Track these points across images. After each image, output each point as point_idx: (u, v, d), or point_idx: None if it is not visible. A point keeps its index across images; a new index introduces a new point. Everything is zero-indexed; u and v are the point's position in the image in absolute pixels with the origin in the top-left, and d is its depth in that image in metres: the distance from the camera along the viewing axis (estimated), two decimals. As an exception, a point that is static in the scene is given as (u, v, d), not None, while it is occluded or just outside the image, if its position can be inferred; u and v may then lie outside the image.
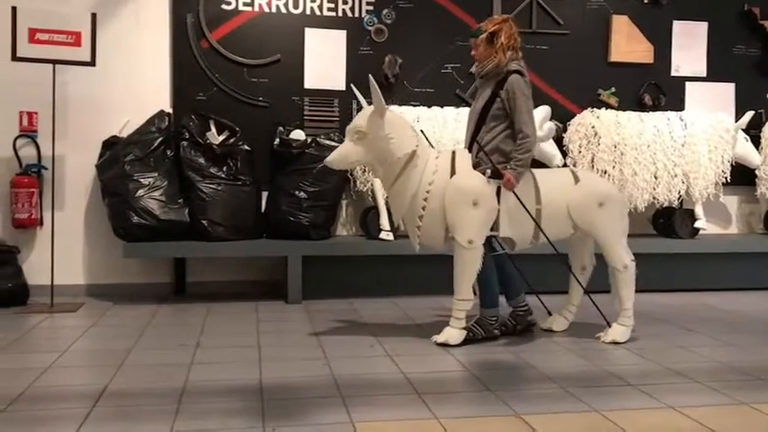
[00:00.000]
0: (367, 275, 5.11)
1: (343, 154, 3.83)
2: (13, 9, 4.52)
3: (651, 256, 5.57)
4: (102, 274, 5.23)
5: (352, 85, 4.05)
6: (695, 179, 5.68)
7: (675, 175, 5.65)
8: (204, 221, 4.96)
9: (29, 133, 5.07)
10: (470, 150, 3.96)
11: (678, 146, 5.66)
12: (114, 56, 5.15)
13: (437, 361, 3.60)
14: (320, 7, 5.50)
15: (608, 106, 5.90)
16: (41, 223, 5.05)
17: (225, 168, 5.13)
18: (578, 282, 4.21)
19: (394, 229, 4.00)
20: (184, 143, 5.13)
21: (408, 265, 4.93)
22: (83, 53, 4.66)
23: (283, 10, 5.44)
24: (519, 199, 3.82)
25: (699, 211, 5.77)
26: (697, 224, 5.77)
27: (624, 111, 5.79)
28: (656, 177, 5.61)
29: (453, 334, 3.85)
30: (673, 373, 3.39)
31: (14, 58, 4.55)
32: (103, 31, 4.94)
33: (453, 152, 3.94)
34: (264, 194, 5.29)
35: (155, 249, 4.92)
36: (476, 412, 2.84)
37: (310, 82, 5.50)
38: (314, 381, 3.23)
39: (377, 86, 3.72)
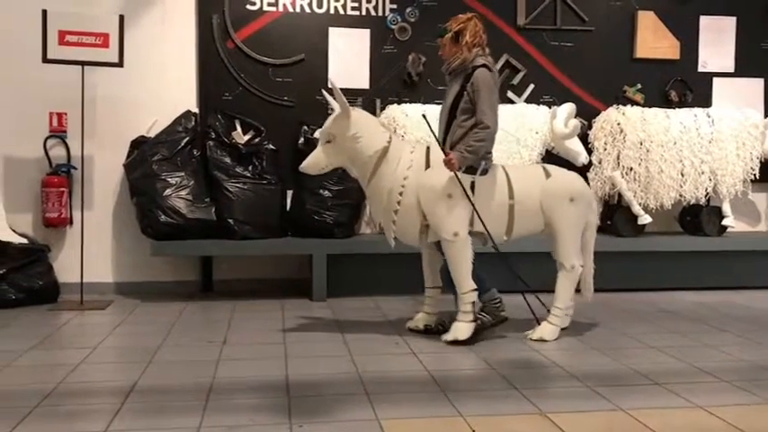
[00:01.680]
0: (391, 273, 5.12)
1: (316, 159, 3.89)
2: (44, 12, 4.59)
3: (678, 254, 5.54)
4: (130, 272, 5.30)
5: (323, 90, 4.08)
6: (723, 176, 5.61)
7: (702, 173, 5.58)
8: (230, 220, 5.02)
9: (58, 134, 5.16)
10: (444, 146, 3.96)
11: (705, 142, 5.60)
12: (141, 57, 5.21)
13: (462, 359, 3.61)
14: (344, 6, 5.52)
15: (634, 103, 5.85)
16: (71, 222, 5.14)
17: (250, 168, 5.18)
18: (521, 280, 4.13)
19: (372, 226, 4.05)
20: (211, 143, 5.19)
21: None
22: (111, 54, 4.72)
23: (307, 9, 5.47)
24: (463, 187, 3.74)
25: (726, 208, 5.70)
26: (725, 222, 5.70)
27: (650, 107, 5.73)
28: (682, 175, 5.55)
29: (461, 328, 3.84)
30: (701, 372, 3.36)
31: (45, 60, 4.63)
32: (131, 32, 5.00)
33: (428, 147, 3.96)
34: (289, 193, 5.34)
35: (182, 248, 4.98)
36: (501, 410, 2.84)
37: (334, 81, 5.51)
38: (339, 378, 3.25)
39: (338, 89, 3.78)
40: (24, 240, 4.97)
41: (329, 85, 3.79)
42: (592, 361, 3.58)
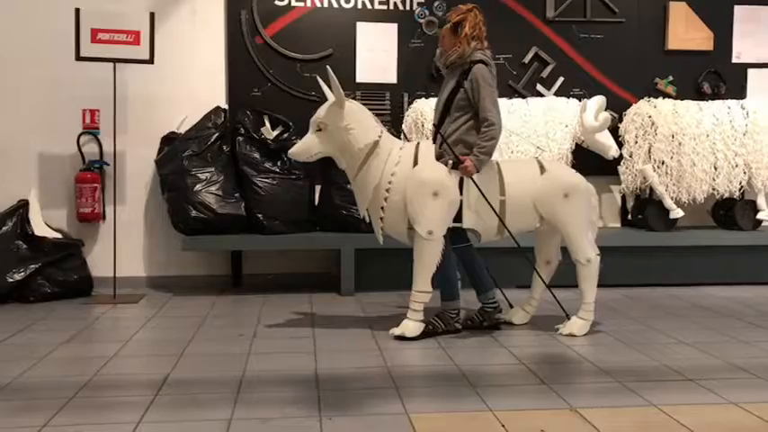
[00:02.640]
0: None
1: (305, 145, 3.86)
2: (77, 11, 4.66)
3: (711, 249, 5.46)
4: (161, 266, 5.38)
5: (318, 77, 4.00)
6: (757, 169, 5.51)
7: (736, 166, 5.48)
8: (260, 215, 5.05)
9: (91, 130, 5.24)
10: (435, 141, 3.93)
11: (739, 135, 5.49)
12: (172, 54, 5.27)
13: (490, 354, 3.60)
14: (371, 1, 5.52)
15: (665, 95, 5.77)
16: (104, 217, 5.22)
17: (279, 163, 5.21)
18: (540, 276, 4.14)
19: (361, 219, 4.03)
20: (240, 138, 5.23)
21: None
22: (142, 52, 4.78)
23: (335, 4, 5.48)
24: (479, 188, 3.76)
25: (761, 201, 5.59)
26: (759, 215, 5.60)
27: (682, 100, 5.65)
28: (715, 168, 5.46)
29: (409, 326, 3.82)
30: (734, 368, 3.32)
31: (78, 57, 4.70)
32: (161, 29, 5.05)
33: (418, 143, 3.93)
34: (318, 188, 5.36)
35: (212, 242, 5.03)
36: (530, 405, 2.83)
37: (362, 76, 5.54)
38: (368, 372, 3.26)
39: (335, 77, 3.74)
40: (59, 235, 5.06)
41: (327, 73, 3.75)
42: (623, 356, 3.54)
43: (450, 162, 3.77)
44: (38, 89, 5.16)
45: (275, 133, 5.28)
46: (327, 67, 3.86)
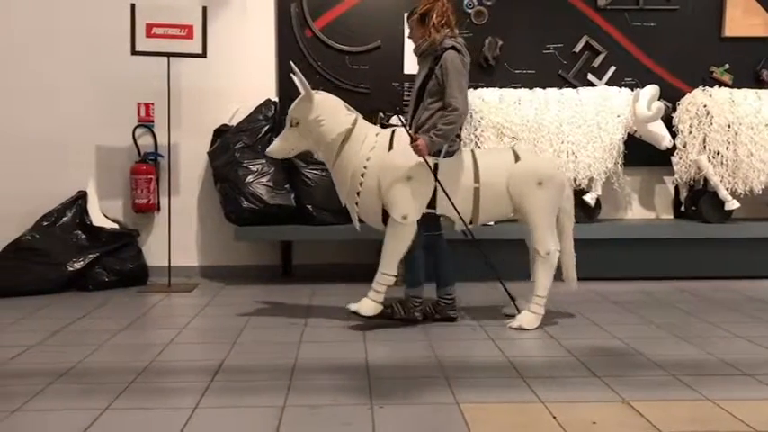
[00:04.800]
0: (466, 259, 5.10)
1: (281, 142, 3.91)
2: (132, 6, 4.78)
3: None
4: (214, 255, 5.49)
5: (291, 74, 3.97)
6: (818, 159, 5.33)
7: (796, 156, 5.32)
8: (309, 206, 5.12)
9: (146, 123, 5.38)
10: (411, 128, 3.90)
11: (800, 124, 5.32)
12: (223, 47, 5.35)
13: (540, 345, 3.59)
14: (420, -8, 5.51)
15: (721, 84, 5.62)
16: (159, 208, 5.35)
17: (328, 154, 5.25)
18: (497, 274, 4.07)
19: (341, 207, 4.05)
20: (289, 130, 5.28)
21: (508, 248, 4.89)
22: (195, 45, 4.87)
23: (383, -4, 5.50)
24: (432, 170, 3.72)
25: (822, 193, 5.43)
26: (820, 207, 5.44)
27: (739, 88, 5.50)
28: (774, 158, 5.31)
29: (367, 305, 3.81)
30: (793, 364, 3.24)
31: (134, 52, 4.82)
32: (212, 23, 5.13)
33: (393, 130, 3.91)
34: (366, 179, 5.38)
35: (263, 233, 5.11)
36: (582, 397, 2.81)
37: (410, 67, 5.51)
38: (418, 361, 3.29)
39: (299, 72, 3.78)
40: (116, 225, 5.21)
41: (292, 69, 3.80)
42: (676, 349, 3.49)
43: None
44: (95, 84, 5.31)
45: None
46: (291, 62, 3.89)
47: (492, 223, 4.75)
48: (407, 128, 3.81)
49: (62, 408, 2.69)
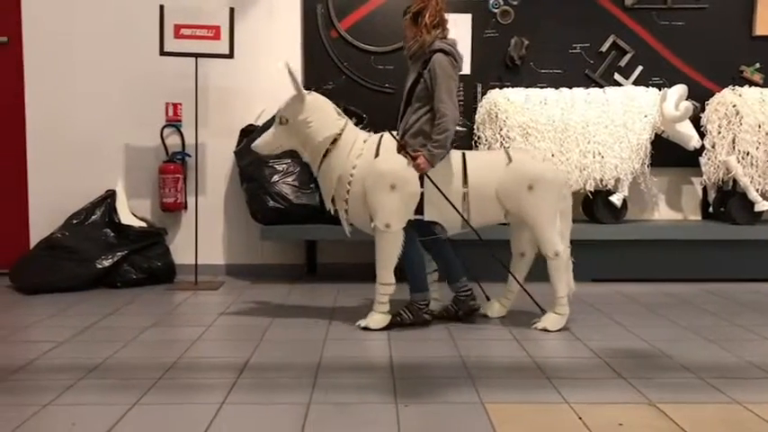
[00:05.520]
0: (491, 259, 5.09)
1: (268, 138, 3.90)
2: (161, 7, 4.84)
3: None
4: (240, 254, 5.54)
5: (285, 62, 3.87)
6: None
7: (829, 156, 5.23)
8: (334, 205, 5.14)
9: (174, 123, 5.44)
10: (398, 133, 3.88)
11: (833, 124, 5.23)
12: (249, 48, 5.40)
13: (566, 346, 3.57)
14: (445, -8, 5.51)
15: (752, 83, 5.54)
16: (186, 207, 5.41)
17: (353, 154, 5.27)
18: (510, 273, 4.08)
19: (326, 211, 4.05)
20: (315, 130, 5.31)
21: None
22: (222, 46, 4.91)
23: (409, -4, 5.50)
24: (434, 183, 3.70)
25: None
26: None
27: (770, 88, 5.43)
28: (806, 159, 5.22)
29: (376, 318, 3.81)
30: (824, 367, 3.19)
31: (162, 53, 4.88)
32: (239, 24, 5.18)
33: (382, 135, 3.88)
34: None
35: (288, 232, 5.14)
36: (608, 398, 2.79)
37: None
38: (442, 361, 3.29)
39: (293, 72, 3.75)
40: (144, 224, 5.27)
41: (287, 68, 3.76)
42: (704, 352, 3.45)
43: (409, 158, 3.74)
44: (124, 83, 5.39)
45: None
46: (286, 61, 3.87)
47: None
48: (399, 140, 3.80)
49: (92, 402, 2.74)
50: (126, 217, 5.22)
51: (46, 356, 3.34)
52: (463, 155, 3.87)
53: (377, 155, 3.81)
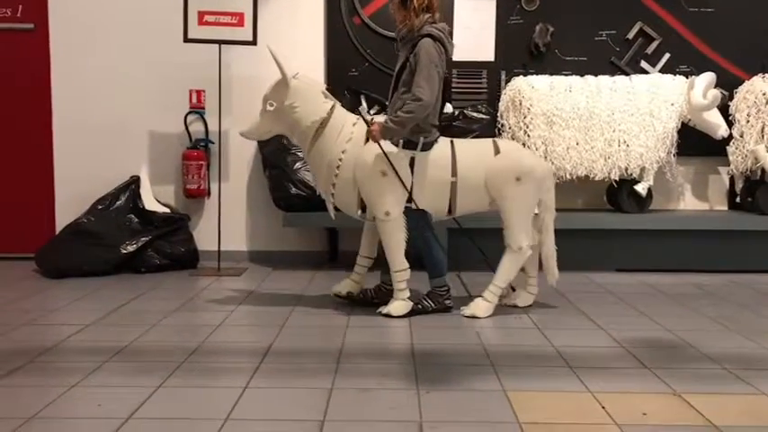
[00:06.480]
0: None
1: (256, 124, 3.89)
2: (185, -6, 4.85)
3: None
4: (262, 241, 5.57)
5: (268, 46, 3.89)
6: None
7: None
8: (356, 193, 5.14)
9: (197, 110, 5.47)
10: None
11: None
12: (272, 35, 5.35)
13: (589, 336, 3.55)
14: (470, -22, 5.47)
15: (782, 71, 5.44)
16: (209, 193, 5.45)
17: (376, 141, 5.26)
18: (483, 253, 4.10)
19: (316, 195, 4.04)
20: (338, 117, 5.31)
21: (558, 238, 4.85)
22: (245, 33, 4.92)
23: (433, -17, 5.45)
24: (388, 159, 3.67)
25: None
26: None
27: (801, 76, 5.32)
28: (837, 148, 5.12)
29: (397, 306, 3.81)
30: None
31: (186, 39, 4.89)
32: (263, 10, 5.18)
33: (372, 120, 3.84)
34: (413, 167, 5.38)
35: (311, 219, 5.14)
36: (631, 388, 2.77)
37: (458, 54, 5.39)
38: (464, 348, 3.29)
39: (277, 55, 3.71)
40: (167, 210, 5.31)
41: (270, 51, 3.75)
42: (730, 343, 3.41)
43: (401, 141, 3.72)
44: (149, 71, 5.41)
45: (372, 113, 5.33)
46: (268, 45, 3.84)
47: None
48: (365, 117, 3.80)
49: (117, 384, 2.78)
50: (150, 203, 5.26)
51: (72, 339, 3.39)
52: (452, 143, 3.86)
53: (367, 140, 3.78)
